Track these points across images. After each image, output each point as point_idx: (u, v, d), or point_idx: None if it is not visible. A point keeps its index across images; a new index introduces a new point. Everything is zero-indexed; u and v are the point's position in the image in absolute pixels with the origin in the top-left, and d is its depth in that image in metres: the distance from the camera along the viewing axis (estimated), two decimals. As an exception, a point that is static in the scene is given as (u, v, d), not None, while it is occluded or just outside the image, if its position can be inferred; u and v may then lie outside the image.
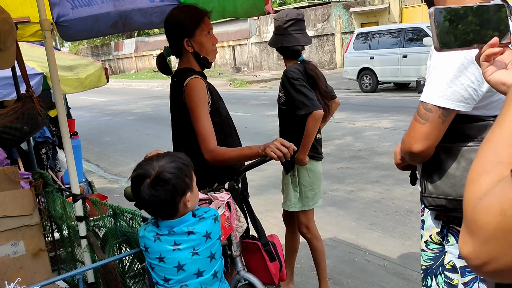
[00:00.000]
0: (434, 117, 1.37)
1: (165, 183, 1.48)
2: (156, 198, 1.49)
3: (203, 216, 1.58)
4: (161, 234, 1.55)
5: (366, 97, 13.12)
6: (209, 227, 1.57)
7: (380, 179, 5.52)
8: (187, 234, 1.54)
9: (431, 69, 1.40)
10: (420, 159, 1.47)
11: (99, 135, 9.49)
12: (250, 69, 27.25)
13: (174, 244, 1.54)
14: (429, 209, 1.54)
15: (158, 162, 1.52)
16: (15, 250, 2.62)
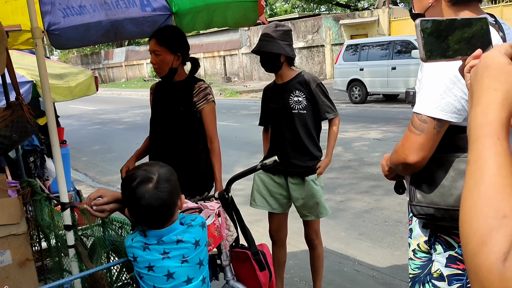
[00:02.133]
0: (429, 128, 1.39)
1: (168, 184, 1.50)
2: (162, 201, 1.49)
3: (191, 224, 1.58)
4: (149, 243, 1.54)
5: (356, 108, 13.23)
6: (197, 234, 1.58)
7: (369, 189, 5.56)
8: (176, 242, 1.53)
9: (424, 80, 1.43)
10: (414, 170, 1.48)
11: (88, 144, 9.42)
12: (240, 79, 27.34)
13: (163, 252, 1.53)
14: (417, 217, 1.55)
15: (152, 167, 1.53)
16: (1, 259, 2.58)
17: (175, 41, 2.58)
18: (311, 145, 2.82)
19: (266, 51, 2.71)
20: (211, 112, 2.64)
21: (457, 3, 1.47)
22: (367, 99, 14.13)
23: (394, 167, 1.59)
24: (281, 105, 2.81)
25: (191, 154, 2.68)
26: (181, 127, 2.63)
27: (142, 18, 3.08)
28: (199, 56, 30.13)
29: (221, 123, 12.25)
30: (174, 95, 2.65)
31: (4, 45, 2.22)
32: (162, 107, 2.73)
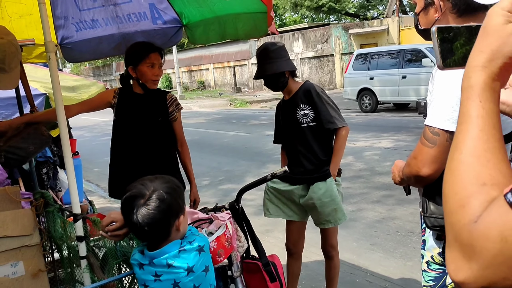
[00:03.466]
0: (442, 141, 1.38)
1: (161, 203, 1.43)
2: (151, 219, 1.42)
3: (184, 248, 1.48)
4: (143, 263, 1.51)
5: (366, 117, 13.18)
6: (191, 260, 1.47)
7: (381, 199, 5.51)
8: (167, 266, 1.46)
9: (435, 93, 1.42)
10: (427, 182, 1.47)
11: (99, 155, 9.51)
12: (250, 89, 27.45)
13: (155, 275, 1.48)
14: (431, 229, 1.54)
15: (151, 183, 1.48)
16: (14, 270, 2.60)
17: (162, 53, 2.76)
18: (327, 157, 2.78)
19: (272, 73, 2.69)
20: (180, 119, 2.87)
21: (464, 14, 1.47)
22: (378, 108, 14.08)
23: (407, 179, 1.58)
24: (290, 121, 2.81)
25: (169, 161, 2.84)
26: (160, 136, 2.78)
27: (153, 31, 3.12)
28: (209, 67, 30.36)
29: (231, 133, 12.33)
30: (151, 106, 2.75)
31: (18, 59, 2.27)
32: (140, 117, 2.77)
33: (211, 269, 1.56)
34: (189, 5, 3.00)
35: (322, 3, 28.56)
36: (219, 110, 19.50)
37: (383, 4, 29.87)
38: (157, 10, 3.08)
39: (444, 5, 1.49)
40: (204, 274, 1.52)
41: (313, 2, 28.70)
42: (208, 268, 1.54)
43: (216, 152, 9.73)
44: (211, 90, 29.71)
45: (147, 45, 2.70)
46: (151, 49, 2.66)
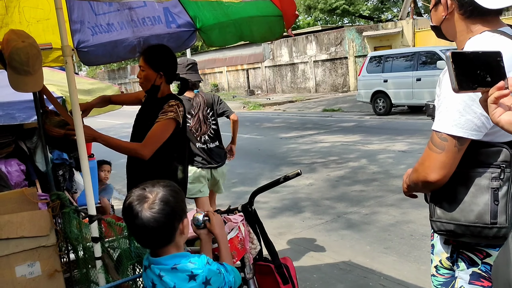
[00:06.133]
0: (450, 146, 1.37)
1: (165, 206, 1.41)
2: (155, 222, 1.40)
3: (177, 267, 1.44)
4: (147, 267, 1.52)
5: (380, 120, 13.10)
6: (178, 282, 1.43)
7: (395, 202, 5.47)
8: (159, 277, 1.45)
9: (442, 97, 1.41)
10: (435, 188, 1.47)
11: (115, 157, 9.60)
12: (263, 92, 27.48)
13: (153, 282, 1.48)
14: (438, 233, 1.53)
15: (154, 187, 1.46)
16: (31, 270, 2.65)
17: (159, 60, 2.65)
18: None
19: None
20: (162, 125, 2.55)
21: (472, 16, 1.45)
22: (392, 111, 13.97)
23: (414, 186, 1.57)
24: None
25: (165, 166, 2.71)
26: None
27: (167, 34, 3.15)
28: (222, 70, 30.48)
29: (245, 136, 12.34)
30: (150, 111, 2.70)
31: (40, 60, 2.31)
32: (140, 121, 2.79)
33: None
34: (203, 8, 3.03)
35: (335, 5, 28.46)
36: (232, 113, 19.52)
37: (398, 6, 29.68)
38: (171, 14, 3.12)
39: (451, 4, 1.48)
40: None
41: (327, 5, 28.61)
42: None
43: (230, 154, 9.76)
44: (224, 93, 29.81)
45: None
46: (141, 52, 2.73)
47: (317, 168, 7.69)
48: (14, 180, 3.64)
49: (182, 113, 2.63)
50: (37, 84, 2.37)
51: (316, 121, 14.40)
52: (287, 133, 12.12)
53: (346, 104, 17.37)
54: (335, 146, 9.54)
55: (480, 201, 1.38)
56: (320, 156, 8.73)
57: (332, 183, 6.65)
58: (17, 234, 2.57)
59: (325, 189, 6.37)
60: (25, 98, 3.47)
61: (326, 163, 8.06)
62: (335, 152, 8.88)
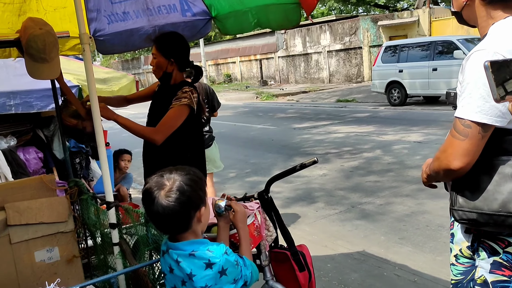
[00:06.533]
0: (474, 133, 1.35)
1: (181, 195, 1.41)
2: (170, 211, 1.41)
3: (195, 254, 1.45)
4: (165, 251, 1.53)
5: (395, 111, 12.97)
6: (195, 268, 1.43)
7: (410, 193, 5.43)
8: (177, 263, 1.47)
9: (465, 84, 1.38)
10: (457, 176, 1.45)
11: (129, 146, 9.69)
12: (276, 82, 27.38)
13: (170, 267, 1.49)
14: (460, 222, 1.51)
15: (172, 175, 1.46)
16: (50, 256, 2.69)
17: (170, 47, 2.67)
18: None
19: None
20: (175, 111, 2.57)
21: (492, 1, 1.43)
22: (407, 101, 13.81)
23: (434, 174, 1.55)
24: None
25: (179, 153, 2.72)
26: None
27: (183, 23, 3.14)
28: (235, 60, 30.42)
29: (258, 126, 12.33)
30: (164, 98, 2.71)
31: (57, 48, 2.33)
32: (155, 109, 2.81)
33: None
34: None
35: (350, -6, 28.14)
36: (245, 103, 19.53)
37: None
38: (186, 2, 3.11)
39: None
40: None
41: (341, -6, 28.30)
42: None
43: (243, 144, 9.77)
44: (237, 83, 29.79)
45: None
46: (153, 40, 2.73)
47: (330, 158, 7.66)
48: (32, 167, 3.70)
49: (196, 99, 2.64)
50: (54, 72, 2.39)
51: (330, 111, 14.32)
52: (300, 124, 12.08)
53: (360, 95, 17.22)
54: (349, 137, 9.48)
55: (504, 190, 1.36)
56: (334, 146, 8.69)
57: (346, 174, 6.62)
58: (36, 220, 2.61)
59: (339, 180, 6.35)
60: (42, 87, 3.51)
61: (340, 153, 8.02)
62: (349, 143, 8.83)
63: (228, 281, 1.45)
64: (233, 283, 1.46)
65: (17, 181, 2.90)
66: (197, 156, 2.82)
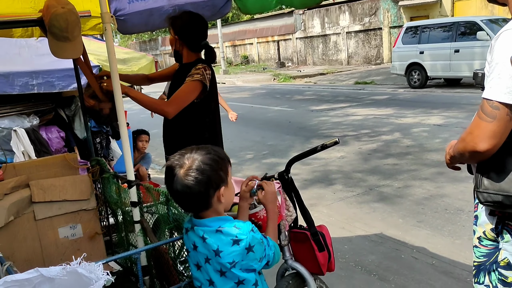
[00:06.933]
0: (502, 115, 1.32)
1: (199, 174, 1.42)
2: (189, 189, 1.43)
3: (222, 230, 1.46)
4: (189, 229, 1.54)
5: (415, 93, 12.76)
6: (221, 244, 1.44)
7: (429, 176, 5.37)
8: (202, 239, 1.48)
9: (494, 64, 1.35)
10: (483, 158, 1.42)
11: (147, 127, 9.78)
12: (294, 64, 27.14)
13: (194, 244, 1.51)
14: (484, 205, 1.49)
15: (192, 154, 1.47)
16: (73, 232, 2.76)
17: (180, 25, 2.67)
18: None
19: None
20: (187, 86, 2.58)
21: None
22: (427, 83, 13.56)
23: (459, 156, 1.52)
24: None
25: (197, 133, 2.75)
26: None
27: (202, 2, 3.12)
28: (252, 42, 30.21)
29: (275, 108, 12.29)
30: (180, 77, 2.73)
31: (79, 27, 2.34)
32: (172, 87, 2.82)
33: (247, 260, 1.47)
34: (238, -25, 2.97)
35: (370, -26, 27.48)
36: (262, 85, 19.45)
37: (436, -26, 28.35)
38: (206, -19, 3.08)
39: None
40: (229, 266, 1.46)
41: (361, -27, 27.67)
42: (234, 265, 1.45)
43: (260, 126, 9.77)
44: (254, 65, 29.63)
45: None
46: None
47: (348, 141, 7.61)
48: (54, 146, 3.76)
49: (209, 76, 2.63)
50: (76, 51, 2.41)
51: (348, 93, 14.17)
52: (318, 106, 12.00)
53: (379, 77, 16.97)
54: (368, 119, 9.39)
55: None
56: (352, 129, 8.62)
57: (364, 156, 6.58)
58: (60, 197, 2.67)
59: (357, 162, 6.31)
60: (64, 67, 3.54)
61: (358, 136, 7.96)
62: (367, 125, 8.74)
63: (254, 258, 1.47)
64: (259, 261, 1.48)
65: (40, 159, 2.96)
66: (215, 136, 2.83)
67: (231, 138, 8.22)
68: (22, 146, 3.38)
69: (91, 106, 3.37)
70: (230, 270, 1.45)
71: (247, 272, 1.47)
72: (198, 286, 1.54)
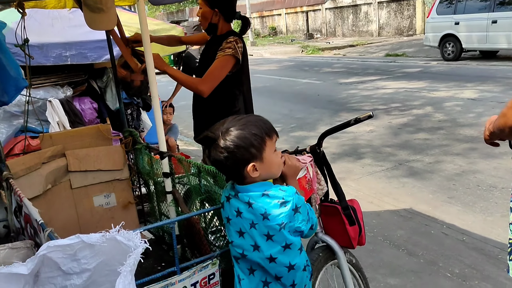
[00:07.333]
0: None
1: (224, 151, 1.44)
2: (219, 164, 1.49)
3: (268, 193, 1.47)
4: (232, 196, 1.56)
5: (448, 66, 12.35)
6: (269, 207, 1.46)
7: (461, 151, 5.25)
8: (248, 205, 1.50)
9: None
10: None
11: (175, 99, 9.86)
12: (323, 35, 26.58)
13: (238, 210, 1.52)
14: None
15: (226, 126, 1.47)
16: (107, 201, 2.85)
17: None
18: None
19: None
20: (220, 61, 2.56)
21: None
22: (461, 56, 13.07)
23: (499, 132, 1.47)
24: None
25: (228, 105, 2.74)
26: None
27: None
28: (281, 12, 29.66)
29: (303, 80, 12.14)
30: (211, 50, 2.70)
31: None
32: (203, 59, 2.82)
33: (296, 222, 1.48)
34: None
35: None
36: (290, 57, 19.19)
37: None
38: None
39: None
40: (278, 228, 1.46)
41: None
42: (284, 226, 1.46)
43: (288, 99, 9.70)
44: (282, 37, 29.17)
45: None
46: None
47: (378, 115, 7.48)
48: (87, 117, 3.84)
49: (241, 49, 2.60)
50: (111, 22, 2.42)
51: (378, 66, 13.84)
52: (347, 79, 11.79)
53: (411, 49, 16.47)
54: (398, 93, 9.17)
55: None
56: (382, 102, 8.45)
57: (394, 131, 6.47)
58: (94, 167, 2.74)
59: (387, 136, 6.22)
60: (96, 38, 3.57)
61: (388, 110, 7.81)
62: (398, 99, 8.55)
63: (302, 220, 1.49)
64: (306, 223, 1.51)
65: (75, 130, 3.04)
66: (246, 108, 2.82)
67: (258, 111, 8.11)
68: (57, 116, 3.47)
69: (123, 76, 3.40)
70: (280, 231, 1.46)
71: (294, 235, 1.50)
72: (238, 252, 1.56)
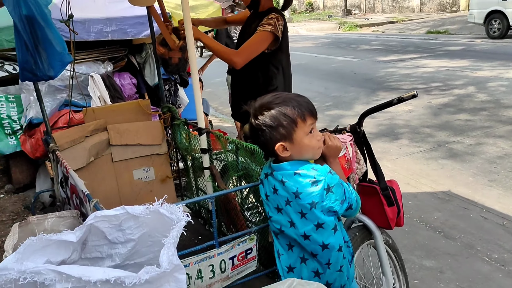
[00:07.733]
0: None
1: (256, 128, 1.48)
2: (252, 139, 1.55)
3: (300, 172, 1.47)
4: (269, 174, 1.57)
5: (494, 44, 11.80)
6: (301, 186, 1.46)
7: (505, 134, 5.05)
8: (281, 183, 1.50)
9: None
10: None
11: (211, 76, 9.89)
12: (361, 11, 25.85)
13: (274, 187, 1.54)
14: None
15: (261, 104, 1.49)
16: (146, 175, 2.92)
17: None
18: None
19: None
20: (258, 36, 2.54)
21: None
22: (508, 33, 12.45)
23: None
24: None
25: (263, 79, 2.71)
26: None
27: None
28: (318, -13, 28.96)
29: (340, 58, 11.92)
30: (252, 25, 2.67)
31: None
32: (242, 35, 2.79)
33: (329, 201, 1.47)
34: None
35: None
36: (327, 34, 18.82)
37: None
38: None
39: None
40: (309, 207, 1.47)
41: None
42: (315, 205, 1.46)
43: (324, 77, 9.55)
44: (319, 13, 28.58)
45: None
46: None
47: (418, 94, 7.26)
48: (127, 92, 3.92)
49: (281, 27, 2.57)
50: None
51: (419, 44, 13.38)
52: (385, 57, 11.47)
53: (454, 26, 15.80)
54: (439, 72, 8.87)
55: None
56: (421, 81, 8.20)
57: (433, 111, 6.28)
58: (134, 142, 2.81)
59: (426, 117, 6.05)
60: (136, 14, 3.60)
61: (428, 89, 7.57)
62: (439, 78, 8.27)
63: (335, 199, 1.48)
64: (340, 203, 1.49)
65: (116, 105, 3.11)
66: (284, 87, 2.80)
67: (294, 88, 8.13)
68: (98, 91, 3.55)
69: (161, 54, 3.43)
70: (311, 210, 1.47)
71: (327, 215, 1.49)
72: (277, 228, 1.59)
